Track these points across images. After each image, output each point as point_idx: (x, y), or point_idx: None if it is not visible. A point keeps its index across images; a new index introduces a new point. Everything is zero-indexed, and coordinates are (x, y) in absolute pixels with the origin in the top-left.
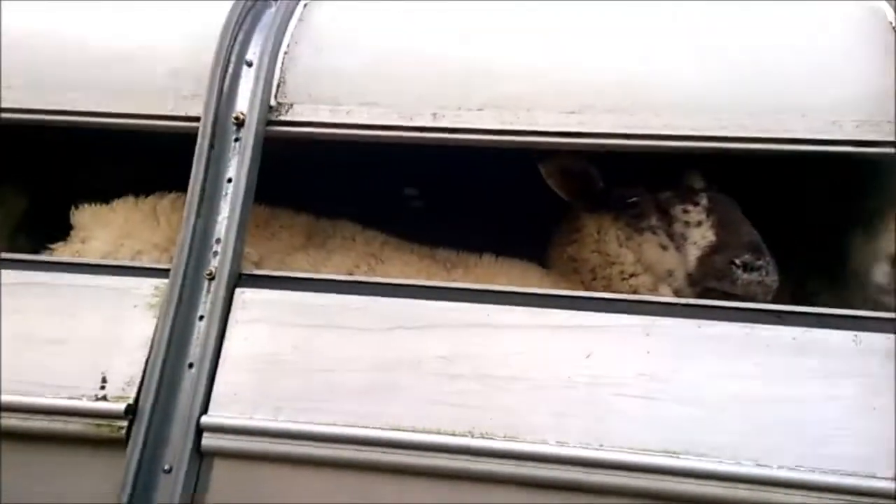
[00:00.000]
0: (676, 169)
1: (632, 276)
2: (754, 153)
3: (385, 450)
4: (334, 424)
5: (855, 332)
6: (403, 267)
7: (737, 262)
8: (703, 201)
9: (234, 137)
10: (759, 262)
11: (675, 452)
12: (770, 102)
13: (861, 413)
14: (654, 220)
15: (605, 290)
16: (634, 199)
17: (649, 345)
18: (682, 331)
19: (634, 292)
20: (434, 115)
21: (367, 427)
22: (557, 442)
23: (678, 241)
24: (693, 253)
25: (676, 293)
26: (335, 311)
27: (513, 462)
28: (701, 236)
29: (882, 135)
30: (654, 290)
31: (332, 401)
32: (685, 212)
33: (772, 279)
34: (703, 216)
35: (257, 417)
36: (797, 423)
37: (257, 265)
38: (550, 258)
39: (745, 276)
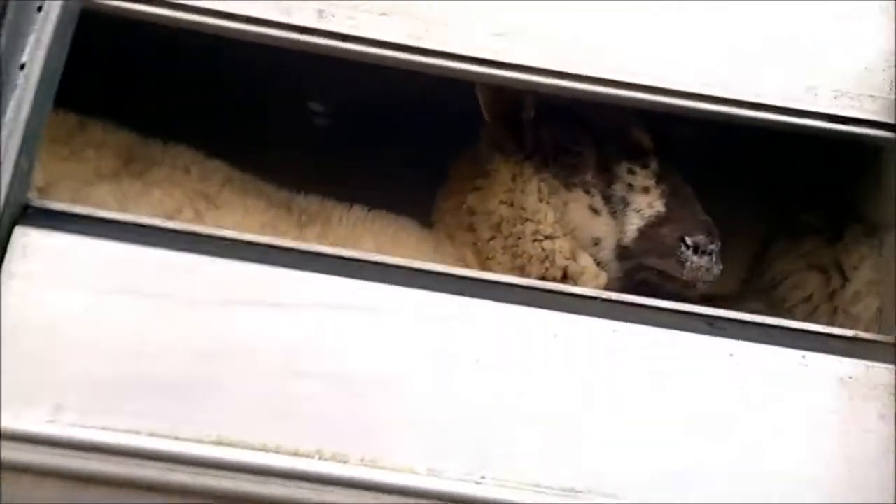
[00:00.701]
0: (623, 126)
1: (547, 237)
2: (710, 115)
3: (199, 470)
4: (134, 433)
5: (803, 352)
6: (243, 216)
7: (688, 240)
8: (653, 165)
9: (37, 5)
10: (711, 247)
11: (576, 491)
12: (744, 64)
13: (809, 457)
14: (589, 176)
15: (506, 252)
16: (572, 145)
17: (554, 352)
18: (593, 334)
19: (546, 259)
20: (320, 12)
21: (176, 438)
22: (429, 471)
23: (615, 206)
24: (634, 222)
25: (600, 266)
26: (146, 270)
27: (371, 495)
28: (647, 204)
29: (860, 111)
30: (571, 259)
31: (132, 399)
32: (631, 172)
33: (718, 269)
34: (651, 182)
35: (28, 417)
36: (727, 462)
37: (43, 193)
38: (439, 209)
39: (695, 258)
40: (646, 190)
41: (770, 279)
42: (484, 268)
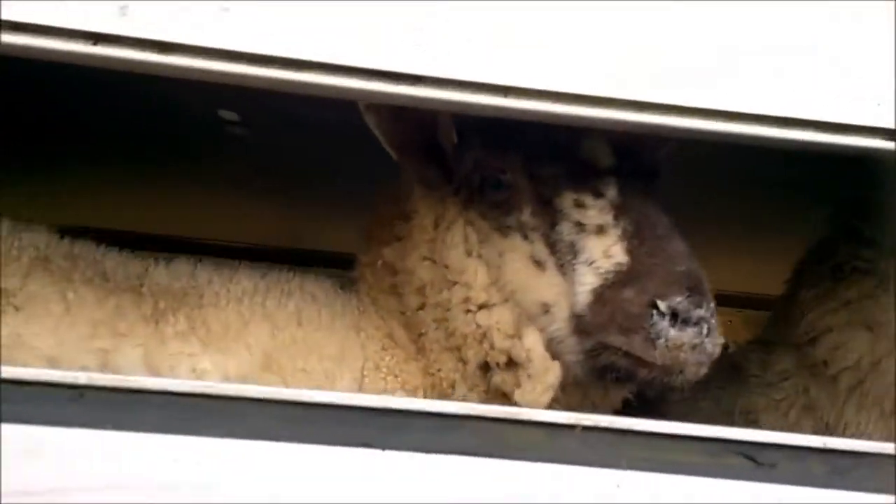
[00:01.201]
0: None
1: (481, 307)
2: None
3: None
4: None
5: None
6: (59, 318)
7: (661, 305)
8: (611, 192)
9: None
10: (699, 312)
11: None
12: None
13: None
14: (526, 215)
15: (439, 327)
16: (496, 173)
17: None
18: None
19: (483, 338)
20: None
21: None
22: None
23: (563, 256)
24: (587, 280)
25: (553, 343)
26: None
27: None
28: (603, 252)
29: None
30: (514, 337)
31: None
32: (579, 205)
33: (713, 345)
34: (608, 217)
35: None
36: None
37: None
38: (359, 263)
39: (673, 332)
40: (600, 230)
41: (805, 332)
42: (417, 346)
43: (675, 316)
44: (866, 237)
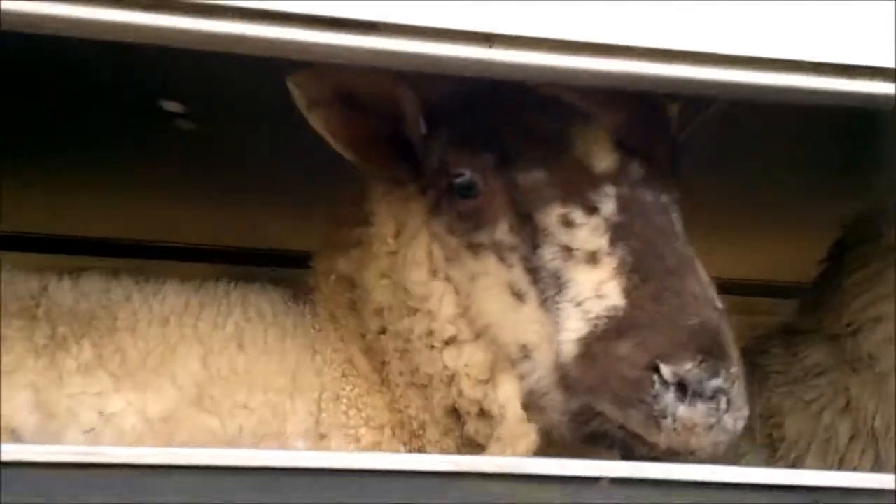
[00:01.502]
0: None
1: (448, 343)
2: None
3: None
4: None
5: None
6: None
7: (664, 372)
8: (608, 206)
9: None
10: (715, 383)
11: None
12: None
13: None
14: (502, 231)
15: (402, 360)
16: (465, 174)
17: None
18: None
19: (451, 382)
20: None
21: None
22: None
23: (546, 287)
24: (572, 325)
25: (533, 398)
26: None
27: None
28: (593, 290)
29: None
30: (487, 384)
31: None
32: (567, 223)
33: (736, 417)
34: (601, 241)
35: None
36: None
37: None
38: (313, 271)
39: (682, 409)
40: (592, 259)
41: (848, 322)
42: (381, 377)
43: (682, 388)
44: None
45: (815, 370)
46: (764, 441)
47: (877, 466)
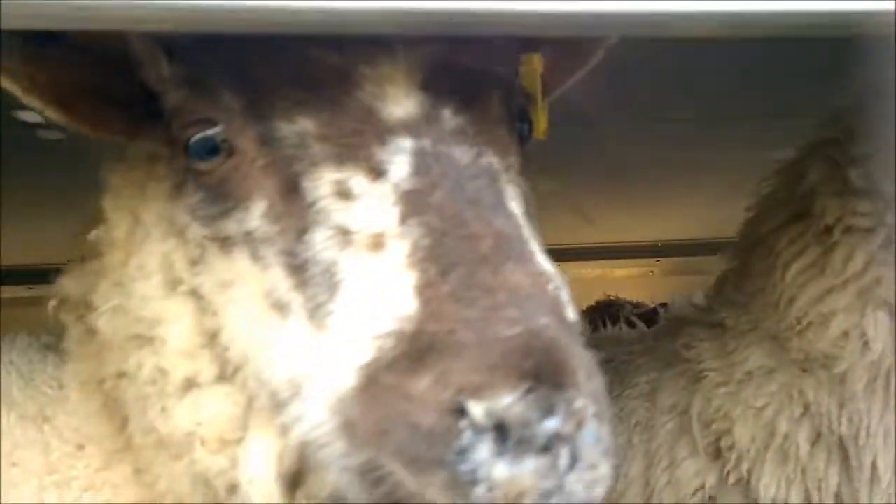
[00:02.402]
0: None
1: (184, 388)
2: None
3: None
4: None
5: None
6: None
7: (473, 411)
8: (400, 166)
9: None
10: (551, 424)
11: None
12: None
13: None
14: (257, 212)
15: (143, 413)
16: (199, 121)
17: None
18: None
19: (189, 446)
20: None
21: None
22: None
23: (318, 292)
24: (352, 346)
25: (308, 457)
26: None
27: None
28: (376, 289)
29: None
30: (235, 443)
31: None
32: (343, 193)
33: (589, 481)
34: (389, 217)
35: None
36: None
37: None
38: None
39: (502, 469)
40: (377, 244)
41: (795, 321)
42: (125, 441)
43: (502, 431)
44: (859, 186)
45: (760, 373)
46: (708, 449)
47: (845, 476)
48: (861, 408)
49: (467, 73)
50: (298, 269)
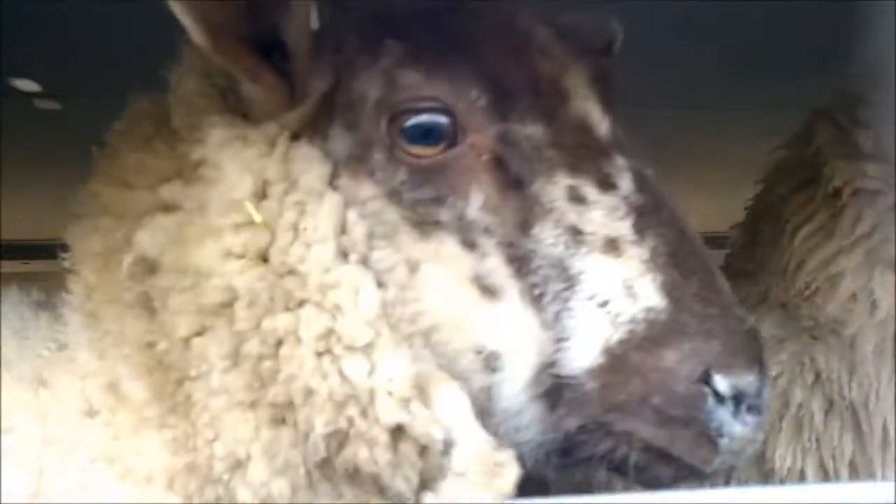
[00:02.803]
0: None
1: (356, 350)
2: None
3: None
4: None
5: None
6: None
7: (719, 384)
8: (625, 182)
9: None
10: (767, 395)
11: None
12: None
13: None
14: (477, 203)
15: (236, 371)
16: (431, 106)
17: None
18: None
19: (347, 399)
20: None
21: None
22: None
23: (544, 281)
24: (595, 331)
25: (487, 421)
26: None
27: None
28: (622, 285)
29: None
30: (411, 401)
31: None
32: (577, 198)
33: (761, 435)
34: (623, 225)
35: None
36: None
37: None
38: (77, 252)
39: (740, 429)
40: (612, 248)
41: (804, 285)
42: (168, 407)
43: (738, 402)
44: (866, 149)
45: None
46: None
47: (858, 444)
48: (870, 371)
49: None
50: (519, 259)
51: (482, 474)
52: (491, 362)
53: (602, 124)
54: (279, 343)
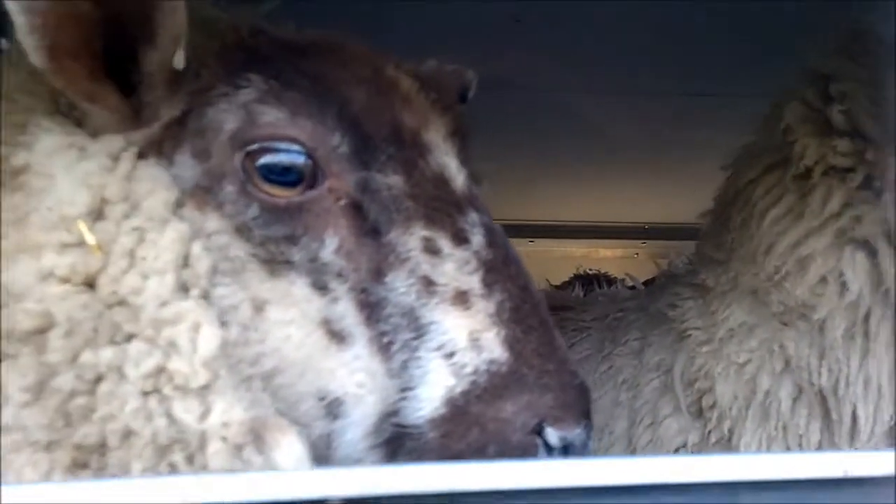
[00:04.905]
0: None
1: (189, 392)
2: None
3: None
4: None
5: None
6: None
7: (550, 436)
8: (477, 237)
9: None
10: (588, 448)
11: None
12: None
13: None
14: (332, 246)
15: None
16: (290, 144)
17: None
18: None
19: (174, 442)
20: None
21: None
22: None
23: (393, 329)
24: (440, 381)
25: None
26: None
27: None
28: (469, 339)
29: None
30: (246, 447)
31: None
32: (432, 250)
33: None
34: (472, 279)
35: None
36: None
37: None
38: None
39: None
40: (461, 300)
41: (774, 269)
42: None
43: (566, 452)
44: (838, 126)
45: (741, 330)
46: (691, 408)
47: (826, 432)
48: (840, 357)
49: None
50: (371, 305)
51: None
52: (333, 409)
53: (458, 178)
54: (98, 379)
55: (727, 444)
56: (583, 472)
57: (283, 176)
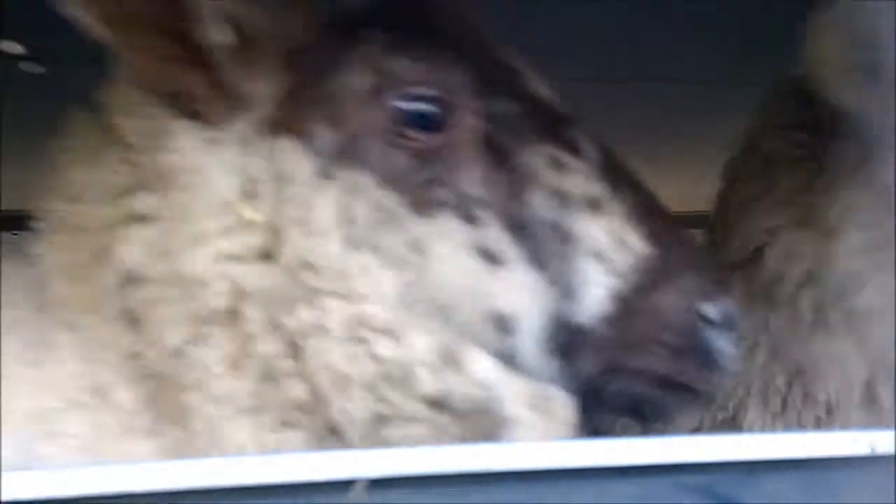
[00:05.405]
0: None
1: (384, 331)
2: None
3: None
4: None
5: None
6: None
7: (709, 313)
8: (588, 147)
9: None
10: (738, 317)
11: None
12: None
13: None
14: (471, 179)
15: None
16: (424, 93)
17: None
18: None
19: (384, 377)
20: None
21: None
22: None
23: (542, 244)
24: (599, 282)
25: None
26: None
27: None
28: (613, 239)
29: None
30: (442, 369)
31: None
32: (558, 165)
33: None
34: (598, 185)
35: None
36: None
37: None
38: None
39: (723, 344)
40: (595, 206)
41: (747, 242)
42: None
43: (725, 325)
44: (795, 119)
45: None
46: None
47: (811, 405)
48: (812, 336)
49: None
50: (517, 226)
51: (536, 413)
52: (504, 325)
53: (555, 100)
54: (302, 337)
55: (732, 422)
56: (603, 451)
57: (421, 120)
